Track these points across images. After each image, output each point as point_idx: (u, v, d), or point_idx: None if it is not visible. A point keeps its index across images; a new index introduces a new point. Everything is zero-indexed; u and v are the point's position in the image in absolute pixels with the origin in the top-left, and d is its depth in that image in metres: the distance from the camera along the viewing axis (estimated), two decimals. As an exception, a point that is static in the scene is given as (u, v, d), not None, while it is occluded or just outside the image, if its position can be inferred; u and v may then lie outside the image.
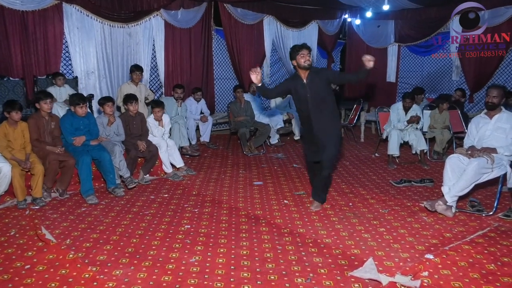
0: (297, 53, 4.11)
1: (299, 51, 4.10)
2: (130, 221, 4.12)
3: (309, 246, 3.53)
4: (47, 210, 4.44)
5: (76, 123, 5.04)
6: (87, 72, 7.49)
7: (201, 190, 5.24)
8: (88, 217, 4.22)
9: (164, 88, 8.54)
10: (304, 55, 4.09)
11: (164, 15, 8.21)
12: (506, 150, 4.21)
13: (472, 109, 9.62)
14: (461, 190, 4.14)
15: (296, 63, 4.16)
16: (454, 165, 4.29)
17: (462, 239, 3.65)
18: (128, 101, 5.60)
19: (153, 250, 3.44)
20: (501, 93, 4.34)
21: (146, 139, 5.68)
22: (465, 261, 3.22)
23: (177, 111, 7.29)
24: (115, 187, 4.99)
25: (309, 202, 4.65)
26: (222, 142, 8.34)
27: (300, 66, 4.13)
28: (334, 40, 11.54)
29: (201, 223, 4.07)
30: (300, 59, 4.10)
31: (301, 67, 4.13)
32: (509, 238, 3.65)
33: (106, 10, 7.46)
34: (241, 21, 9.36)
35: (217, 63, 9.60)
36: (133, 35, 8.02)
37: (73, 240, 3.64)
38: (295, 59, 4.16)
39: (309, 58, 4.10)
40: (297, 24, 10.51)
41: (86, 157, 4.80)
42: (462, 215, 4.25)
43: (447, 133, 6.74)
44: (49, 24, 6.98)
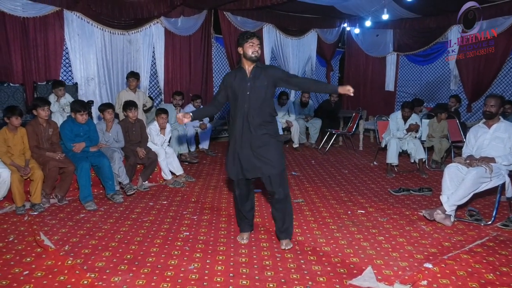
0: (246, 41, 3.43)
1: (248, 39, 3.43)
2: (128, 228, 4.11)
3: (308, 254, 3.53)
4: (46, 216, 4.43)
5: (76, 130, 5.04)
6: (87, 78, 7.52)
7: (200, 197, 5.24)
8: (87, 224, 4.22)
9: (163, 95, 8.58)
10: (254, 45, 3.44)
11: (164, 23, 8.26)
12: (504, 160, 4.22)
13: (470, 118, 9.65)
14: (459, 199, 4.15)
15: (242, 51, 3.47)
16: (452, 174, 4.30)
17: (461, 248, 3.65)
18: (128, 108, 5.61)
19: (152, 257, 3.43)
20: (499, 103, 4.37)
21: (146, 145, 5.68)
22: (464, 270, 3.22)
23: (176, 119, 7.29)
24: (114, 193, 4.98)
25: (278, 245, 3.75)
26: (221, 149, 8.34)
27: (246, 56, 3.45)
28: (333, 49, 11.62)
29: (200, 230, 4.07)
30: (248, 48, 3.43)
31: (246, 57, 3.45)
32: (508, 248, 3.66)
33: (107, 17, 7.52)
34: (240, 29, 9.39)
35: (216, 71, 9.64)
36: (133, 42, 8.07)
37: (71, 247, 3.63)
38: (242, 47, 3.47)
39: (258, 50, 3.45)
40: (296, 33, 10.58)
41: (85, 164, 4.81)
42: (460, 224, 4.26)
43: (445, 142, 6.77)
44: (50, 30, 7.02)
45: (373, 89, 11.91)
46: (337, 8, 9.31)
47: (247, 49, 3.45)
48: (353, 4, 8.97)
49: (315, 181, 6.04)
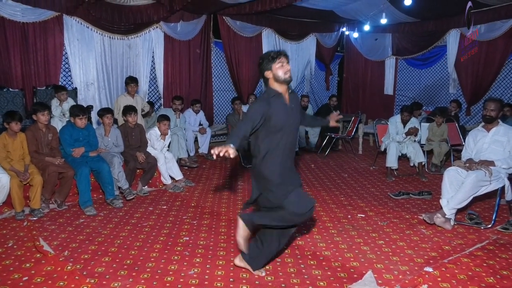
0: (273, 62, 2.91)
1: (275, 59, 2.90)
2: (128, 233, 4.10)
3: (308, 258, 3.53)
4: (45, 221, 4.42)
5: (76, 135, 5.05)
6: (86, 83, 7.53)
7: (199, 201, 5.23)
8: (87, 229, 4.21)
9: (163, 99, 8.59)
10: (284, 64, 2.92)
11: (163, 27, 8.28)
12: (503, 163, 4.23)
13: (469, 121, 9.67)
14: (459, 203, 4.15)
15: (271, 75, 2.94)
16: (452, 177, 4.30)
17: (461, 252, 3.65)
18: (127, 113, 5.62)
19: (152, 262, 3.42)
20: (498, 106, 4.38)
21: (145, 150, 5.68)
22: (464, 274, 3.22)
23: (175, 123, 7.31)
24: (113, 198, 4.98)
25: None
26: (220, 154, 8.33)
27: (279, 80, 2.92)
28: (332, 53, 11.65)
29: (200, 235, 4.06)
30: (277, 69, 2.90)
31: (279, 81, 2.92)
32: (508, 251, 3.66)
33: (106, 22, 7.54)
34: (240, 34, 9.44)
35: (216, 75, 9.65)
36: (133, 47, 8.08)
37: (71, 252, 3.62)
38: (269, 70, 2.93)
39: (289, 69, 2.95)
40: (296, 37, 10.61)
41: (85, 168, 4.80)
42: (460, 227, 4.26)
43: (444, 146, 6.77)
44: (49, 35, 7.03)
45: (372, 93, 11.93)
46: (336, 12, 9.34)
47: (277, 71, 2.90)
48: (351, 8, 9.00)
49: (315, 185, 6.04)
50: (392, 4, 8.53)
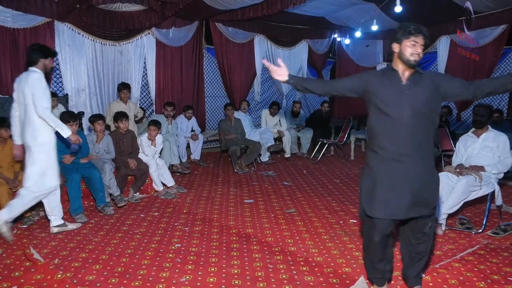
0: (407, 37, 2.61)
1: (411, 35, 2.60)
2: (119, 240, 4.07)
3: (300, 264, 3.52)
4: (35, 229, 4.38)
5: (66, 141, 5.00)
6: (77, 89, 7.48)
7: (191, 208, 5.21)
8: (77, 236, 4.17)
9: (155, 105, 8.55)
10: (416, 45, 2.60)
11: (155, 34, 8.27)
12: (493, 168, 4.26)
13: (460, 127, 9.74)
14: (450, 208, 4.18)
15: (398, 49, 2.65)
16: (443, 183, 4.31)
17: (452, 257, 3.66)
18: (119, 119, 5.60)
19: (143, 270, 3.40)
20: (488, 112, 4.43)
21: (137, 157, 5.66)
22: (455, 279, 3.23)
23: (167, 129, 7.30)
24: (104, 205, 4.94)
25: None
26: (212, 160, 8.33)
27: (403, 58, 2.61)
28: (323, 59, 11.70)
29: (191, 242, 4.04)
30: (407, 47, 2.60)
31: (403, 60, 2.61)
32: (498, 256, 3.68)
33: (98, 28, 7.51)
34: (232, 40, 9.46)
35: (208, 81, 9.64)
36: (125, 53, 8.06)
37: (61, 260, 3.58)
38: (399, 43, 2.65)
39: (420, 52, 2.60)
40: (288, 43, 10.65)
41: (75, 175, 4.76)
42: (451, 232, 4.28)
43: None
44: (40, 41, 6.94)
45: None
46: (328, 19, 9.39)
47: (405, 48, 2.60)
48: (343, 15, 9.06)
49: (307, 191, 6.04)
50: (383, 11, 8.60)
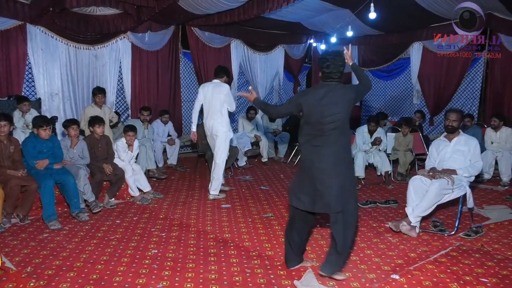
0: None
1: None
2: (94, 247, 4.00)
3: (278, 269, 3.53)
4: (7, 236, 4.25)
5: (39, 146, 4.90)
6: (51, 94, 7.35)
7: (168, 213, 5.17)
8: (51, 243, 4.08)
9: (130, 110, 8.46)
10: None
11: (131, 38, 8.20)
12: (465, 172, 4.37)
13: (433, 131, 9.97)
14: (424, 211, 4.26)
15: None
16: (417, 186, 4.42)
17: (426, 259, 3.74)
18: (96, 124, 5.50)
19: (119, 277, 3.35)
20: (459, 117, 4.54)
21: (112, 162, 5.58)
22: (429, 280, 3.30)
23: (143, 134, 7.22)
24: (79, 211, 4.85)
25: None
26: (189, 165, 8.27)
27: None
28: (300, 64, 11.80)
29: (168, 247, 4.00)
30: None
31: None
32: (470, 257, 3.77)
33: (72, 31, 7.40)
34: (208, 45, 9.45)
35: (184, 86, 9.60)
36: (99, 57, 7.96)
37: (34, 268, 3.49)
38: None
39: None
40: (264, 48, 10.71)
41: (49, 181, 4.66)
42: (425, 235, 4.37)
43: (409, 155, 6.95)
44: (12, 45, 6.84)
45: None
46: (304, 24, 9.50)
47: None
48: (318, 21, 9.18)
49: (284, 195, 6.06)
50: (358, 17, 8.74)
